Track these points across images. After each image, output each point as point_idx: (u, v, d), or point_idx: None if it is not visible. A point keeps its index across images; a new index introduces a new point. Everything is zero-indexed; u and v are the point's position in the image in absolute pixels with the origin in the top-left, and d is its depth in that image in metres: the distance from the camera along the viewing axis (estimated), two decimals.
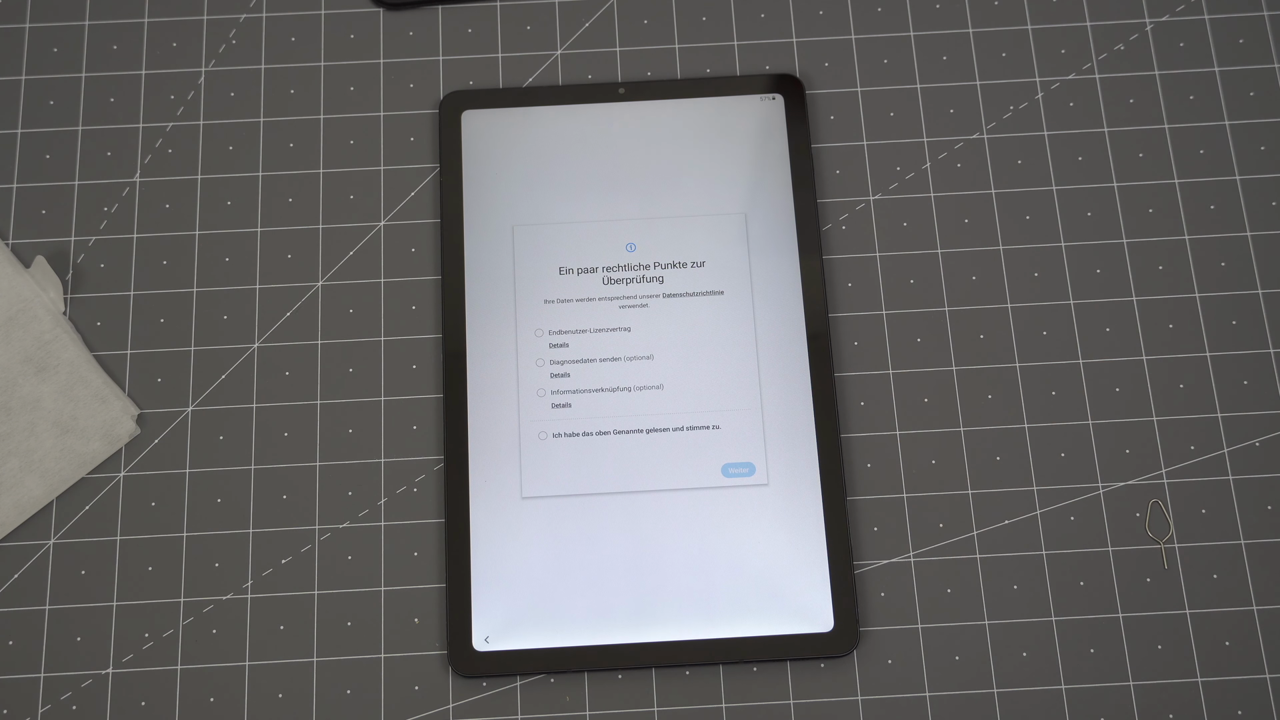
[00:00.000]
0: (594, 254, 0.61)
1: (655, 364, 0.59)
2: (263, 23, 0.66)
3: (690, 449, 0.58)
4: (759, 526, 0.56)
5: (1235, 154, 0.63)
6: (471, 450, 0.58)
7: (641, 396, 0.58)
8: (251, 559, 0.58)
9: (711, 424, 0.58)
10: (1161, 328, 0.60)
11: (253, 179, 0.63)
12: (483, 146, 0.63)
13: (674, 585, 0.56)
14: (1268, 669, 0.56)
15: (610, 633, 0.55)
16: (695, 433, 0.58)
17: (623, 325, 0.60)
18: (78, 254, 0.62)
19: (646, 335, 0.59)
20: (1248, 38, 0.65)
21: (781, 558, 0.56)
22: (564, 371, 0.59)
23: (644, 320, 0.60)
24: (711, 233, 0.61)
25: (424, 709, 0.56)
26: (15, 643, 0.57)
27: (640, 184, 0.62)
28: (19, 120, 0.64)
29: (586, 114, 0.63)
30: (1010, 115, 0.64)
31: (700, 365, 0.59)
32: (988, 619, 0.57)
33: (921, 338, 0.60)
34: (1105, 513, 0.58)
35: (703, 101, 0.63)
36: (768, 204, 0.61)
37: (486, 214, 0.62)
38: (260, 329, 0.61)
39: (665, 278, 0.60)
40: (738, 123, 0.63)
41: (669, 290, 0.60)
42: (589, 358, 0.59)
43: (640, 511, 0.57)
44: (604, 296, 0.60)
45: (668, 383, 0.59)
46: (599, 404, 0.58)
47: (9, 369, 0.59)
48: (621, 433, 0.58)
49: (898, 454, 0.59)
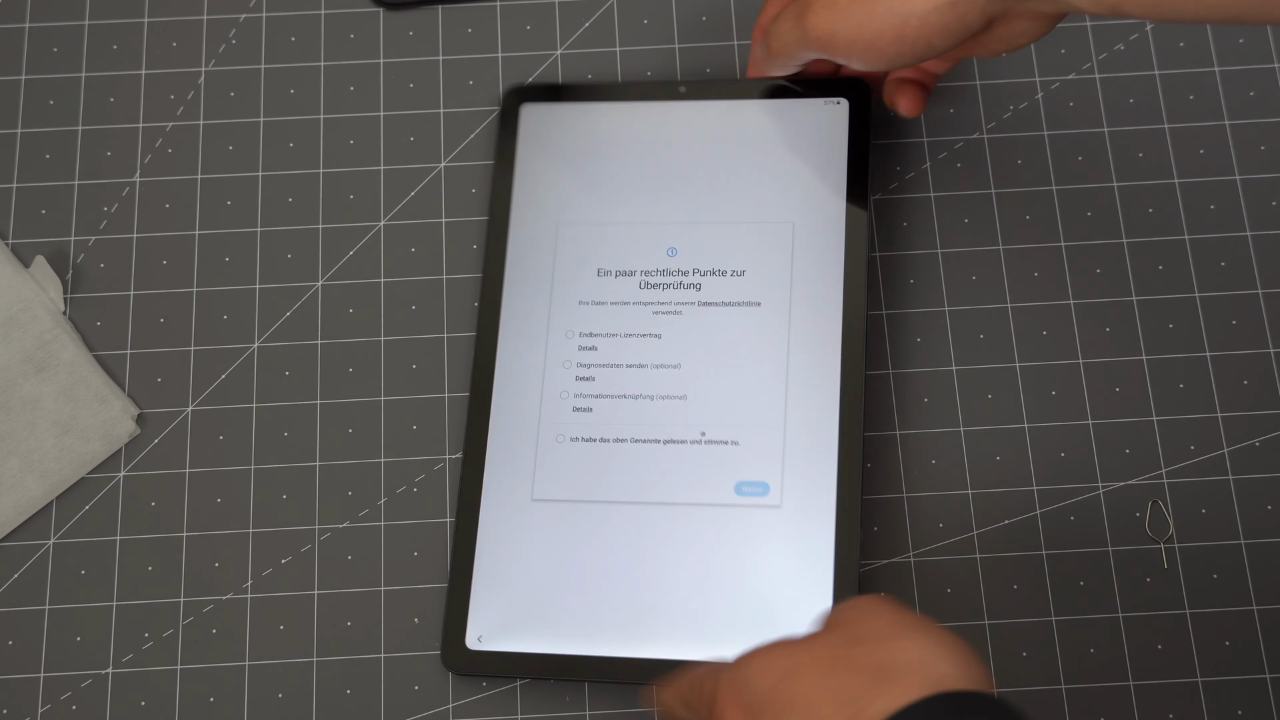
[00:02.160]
0: (634, 257, 0.59)
1: (681, 373, 0.57)
2: (263, 23, 0.66)
3: (706, 463, 0.56)
4: (765, 549, 0.55)
5: (1235, 154, 0.63)
6: (490, 448, 0.57)
7: (663, 406, 0.57)
8: (251, 559, 0.58)
9: (731, 439, 0.56)
10: (1161, 328, 0.60)
11: (253, 179, 0.63)
12: (538, 142, 0.61)
13: (671, 602, 0.54)
14: (1268, 669, 0.56)
15: (601, 644, 0.54)
16: (713, 447, 0.56)
17: (654, 332, 0.58)
18: (78, 254, 0.62)
19: (677, 343, 0.58)
20: (1248, 38, 0.64)
21: (784, 584, 0.54)
22: (589, 375, 0.58)
23: (676, 328, 0.58)
24: (756, 241, 0.59)
25: (423, 709, 0.56)
26: (15, 643, 0.57)
27: (689, 187, 0.60)
28: (19, 120, 0.64)
29: (645, 112, 0.61)
30: (1010, 115, 0.64)
31: (726, 378, 0.57)
32: (988, 619, 0.56)
33: (921, 337, 0.60)
34: (1105, 513, 0.58)
35: (764, 104, 0.61)
36: (818, 213, 0.59)
37: (534, 211, 0.60)
38: (260, 329, 0.61)
39: (703, 285, 0.58)
40: (797, 127, 0.60)
41: (705, 298, 0.58)
42: (616, 363, 0.58)
43: (647, 524, 0.56)
44: (639, 301, 0.59)
45: (691, 393, 0.57)
46: (620, 410, 0.57)
47: (9, 369, 0.59)
48: (639, 441, 0.57)
49: (898, 454, 0.59)
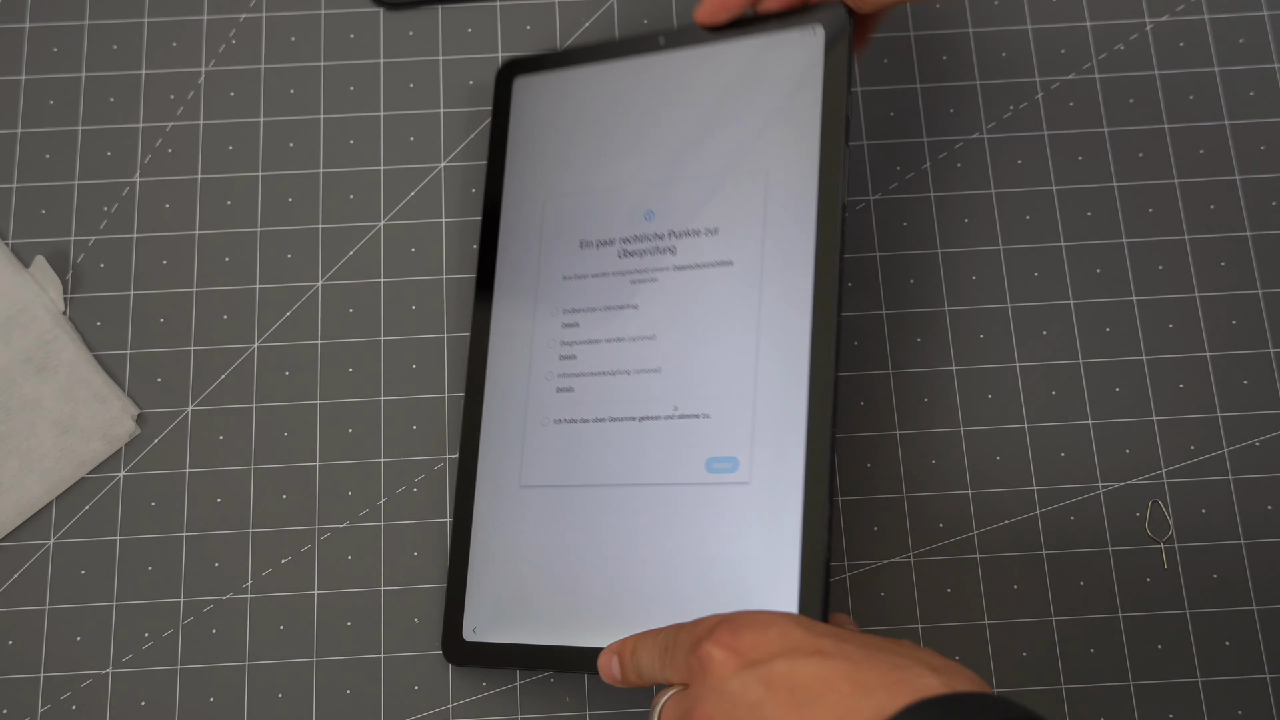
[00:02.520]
0: (614, 225, 0.57)
1: (656, 345, 0.55)
2: (263, 23, 0.66)
3: (679, 440, 0.53)
4: (734, 530, 0.51)
5: (1235, 154, 0.63)
6: (483, 436, 0.57)
7: (639, 381, 0.55)
8: (251, 559, 0.58)
9: (702, 413, 0.53)
10: (1161, 328, 0.60)
11: (253, 179, 0.63)
12: (528, 117, 0.60)
13: (648, 587, 0.53)
14: (1268, 669, 0.56)
15: (583, 634, 0.53)
16: (685, 422, 0.53)
17: (631, 303, 0.55)
18: (78, 254, 0.62)
19: (652, 313, 0.55)
20: (1248, 38, 0.64)
21: (753, 565, 0.51)
22: (572, 354, 0.56)
23: (652, 297, 0.55)
24: (729, 195, 0.54)
25: (424, 708, 0.56)
26: (15, 643, 0.57)
27: (667, 143, 0.57)
28: (19, 120, 0.64)
29: (628, 70, 0.59)
30: (1010, 115, 0.64)
31: (698, 347, 0.54)
32: (988, 619, 0.56)
33: (921, 338, 0.60)
34: (1105, 513, 0.58)
35: (742, 44, 0.56)
36: (792, 159, 0.54)
37: (524, 187, 0.59)
38: (260, 329, 0.61)
39: (678, 248, 0.55)
40: (774, 65, 0.55)
41: (680, 262, 0.55)
42: (595, 339, 0.56)
43: (623, 507, 0.54)
44: (618, 271, 0.56)
45: (665, 366, 0.54)
46: (599, 389, 0.55)
47: (9, 369, 0.59)
48: (616, 420, 0.55)
49: (898, 454, 0.59)
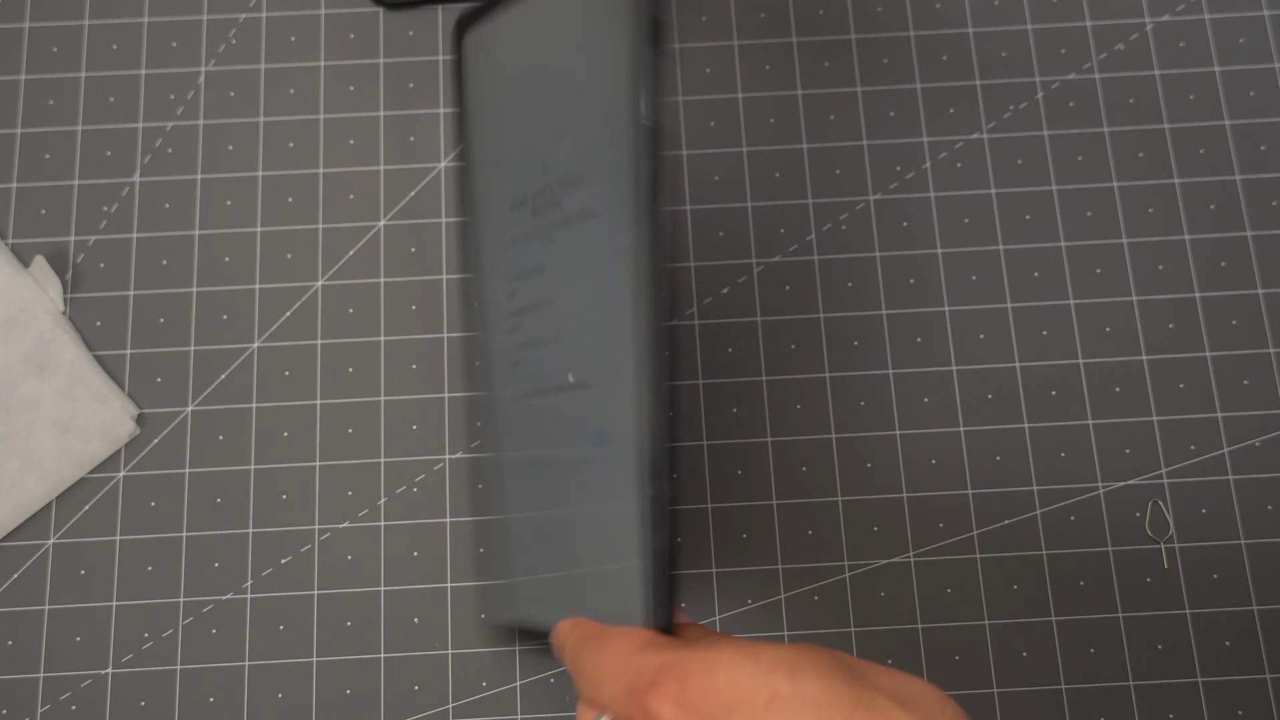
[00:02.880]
0: (525, 181, 0.49)
1: (555, 311, 0.47)
2: (263, 23, 0.66)
3: (572, 413, 0.47)
4: (605, 511, 0.46)
5: (1235, 154, 0.63)
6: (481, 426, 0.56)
7: (546, 351, 0.48)
8: (251, 559, 0.58)
9: (585, 382, 0.46)
10: (1161, 328, 0.60)
11: (253, 179, 0.63)
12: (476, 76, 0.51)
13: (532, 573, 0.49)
14: (1268, 669, 0.56)
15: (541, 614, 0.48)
16: (576, 393, 0.46)
17: (539, 265, 0.48)
18: (78, 254, 0.62)
19: (552, 275, 0.48)
20: (1248, 38, 0.64)
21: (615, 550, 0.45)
22: (518, 324, 0.49)
23: (552, 256, 0.48)
24: (593, 132, 0.46)
25: (424, 709, 0.56)
26: (15, 643, 0.57)
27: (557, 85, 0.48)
28: (19, 120, 0.64)
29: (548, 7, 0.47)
30: (1010, 115, 0.64)
31: (578, 308, 0.47)
32: (988, 619, 0.56)
33: (921, 338, 0.60)
34: (1105, 513, 0.58)
35: None
36: (613, 74, 0.45)
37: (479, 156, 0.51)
38: (260, 329, 0.61)
39: (563, 201, 0.47)
40: None
41: (566, 215, 0.47)
42: (524, 306, 0.49)
43: (536, 489, 0.49)
44: (531, 232, 0.49)
45: (561, 332, 0.47)
46: (527, 362, 0.49)
47: (9, 369, 0.59)
48: (530, 395, 0.49)
49: (898, 454, 0.59)
